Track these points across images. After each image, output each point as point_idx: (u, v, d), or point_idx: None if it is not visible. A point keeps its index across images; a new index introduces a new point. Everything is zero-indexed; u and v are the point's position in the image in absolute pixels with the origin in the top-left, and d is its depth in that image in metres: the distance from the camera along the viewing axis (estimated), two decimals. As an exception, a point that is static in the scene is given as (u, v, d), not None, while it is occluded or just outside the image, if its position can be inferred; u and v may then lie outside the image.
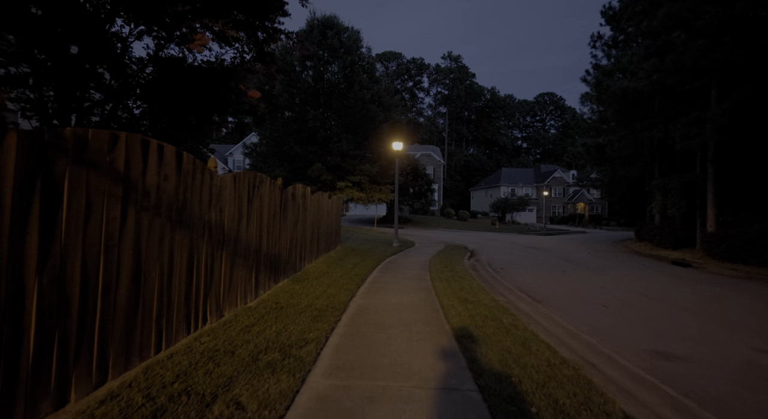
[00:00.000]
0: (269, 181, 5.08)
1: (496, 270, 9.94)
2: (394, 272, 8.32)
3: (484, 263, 11.61)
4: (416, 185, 35.20)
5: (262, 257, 4.98)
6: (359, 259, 9.75)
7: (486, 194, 60.07)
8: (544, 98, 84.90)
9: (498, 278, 8.47)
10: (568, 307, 5.95)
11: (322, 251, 9.09)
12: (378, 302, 5.39)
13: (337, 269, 7.80)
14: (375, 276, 7.68)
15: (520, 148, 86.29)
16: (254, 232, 4.65)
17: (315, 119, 19.54)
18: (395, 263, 10.02)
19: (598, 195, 56.23)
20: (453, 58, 75.44)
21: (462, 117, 78.12)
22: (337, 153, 20.18)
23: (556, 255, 13.89)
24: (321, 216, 8.80)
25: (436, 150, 50.74)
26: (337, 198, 10.93)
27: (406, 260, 10.79)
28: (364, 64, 23.58)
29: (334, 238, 10.83)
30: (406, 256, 11.75)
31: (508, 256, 13.45)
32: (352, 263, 8.89)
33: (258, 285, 4.88)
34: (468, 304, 5.33)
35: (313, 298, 5.17)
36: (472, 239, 20.74)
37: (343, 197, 21.17)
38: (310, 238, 7.73)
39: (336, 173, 21.01)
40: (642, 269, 11.06)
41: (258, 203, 4.74)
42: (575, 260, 12.39)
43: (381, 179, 22.78)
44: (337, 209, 11.00)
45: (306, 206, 7.29)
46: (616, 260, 12.91)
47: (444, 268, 9.19)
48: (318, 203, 8.37)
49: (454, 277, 7.78)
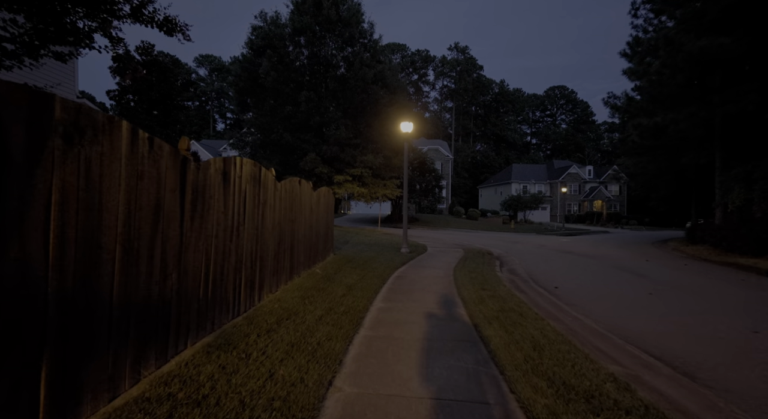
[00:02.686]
0: (126, 135, 2.24)
1: (548, 290, 7.06)
2: (408, 300, 5.46)
3: (523, 276, 8.72)
4: (423, 180, 32.29)
5: (111, 313, 2.14)
6: (356, 276, 6.89)
7: (496, 192, 56.99)
8: (555, 92, 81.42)
9: (564, 307, 5.58)
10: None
11: (302, 265, 6.24)
12: (386, 392, 2.54)
13: (319, 300, 4.94)
14: (378, 310, 4.82)
15: (530, 144, 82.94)
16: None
17: (308, 101, 16.67)
18: (407, 280, 7.16)
19: (616, 192, 52.98)
20: (460, 49, 72.20)
21: (469, 112, 74.91)
22: (334, 142, 17.30)
23: (608, 264, 10.95)
24: (299, 214, 5.95)
25: (443, 145, 47.81)
26: (327, 191, 8.07)
27: (420, 274, 7.93)
28: (366, 42, 20.68)
29: (323, 245, 7.98)
30: (419, 267, 8.89)
31: (546, 265, 10.54)
32: (346, 285, 6.03)
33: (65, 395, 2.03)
34: (574, 395, 2.46)
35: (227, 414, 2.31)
36: (491, 242, 17.82)
37: (343, 193, 18.31)
38: (276, 249, 4.89)
39: (333, 166, 18.14)
40: (752, 288, 8.08)
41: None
42: (641, 272, 9.45)
43: (385, 172, 19.87)
44: (327, 205, 8.15)
45: (264, 199, 4.44)
46: (694, 272, 9.93)
47: (480, 289, 6.32)
48: (291, 195, 5.51)
49: (505, 310, 4.91)
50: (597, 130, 79.17)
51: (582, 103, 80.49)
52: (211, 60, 69.81)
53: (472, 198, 65.90)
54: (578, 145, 74.49)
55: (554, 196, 52.85)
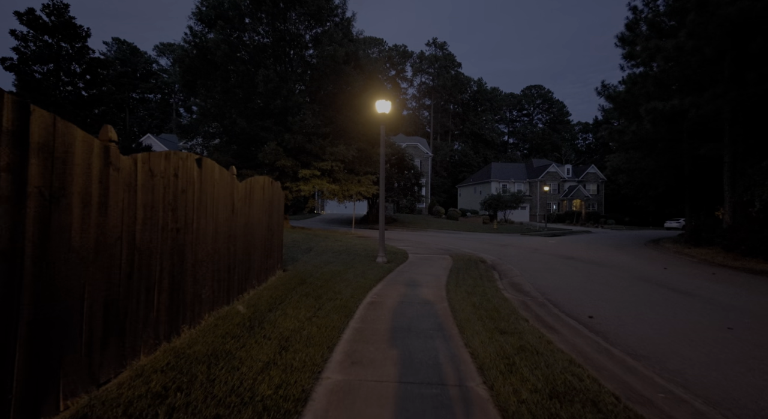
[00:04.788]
0: None
1: (582, 322, 4.94)
2: (385, 362, 3.11)
3: (535, 295, 6.61)
4: (402, 178, 30.15)
5: None
6: (306, 312, 4.49)
7: (475, 191, 55.75)
8: (531, 91, 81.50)
9: (640, 369, 3.43)
10: None
11: (207, 305, 3.78)
12: None
13: (198, 397, 2.52)
14: (328, 405, 2.45)
15: (507, 143, 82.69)
16: None
17: (267, 81, 14.01)
18: (383, 312, 4.83)
19: (594, 191, 52.85)
20: (438, 45, 70.63)
21: (447, 110, 73.57)
22: (299, 130, 14.71)
23: (627, 275, 9.05)
24: (198, 217, 3.51)
25: (422, 141, 45.90)
26: (268, 183, 5.60)
27: (402, 298, 5.63)
28: (338, 21, 18.22)
29: (262, 261, 5.53)
30: (400, 285, 6.59)
31: (553, 276, 8.51)
32: (280, 336, 3.61)
33: None
34: None
35: None
36: (478, 245, 15.82)
37: (310, 190, 15.74)
38: (142, 287, 2.44)
39: (299, 158, 15.54)
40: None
41: None
42: (680, 287, 7.56)
43: (360, 166, 17.45)
44: (269, 202, 5.70)
45: (133, 183, 1.98)
46: (741, 286, 8.14)
47: (494, 329, 4.10)
48: (167, 184, 3.06)
49: (557, 393, 2.68)
50: (572, 130, 79.89)
51: (558, 103, 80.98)
52: (173, 49, 64.87)
53: (450, 198, 64.53)
54: (555, 144, 74.73)
55: (534, 195, 52.11)
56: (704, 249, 14.07)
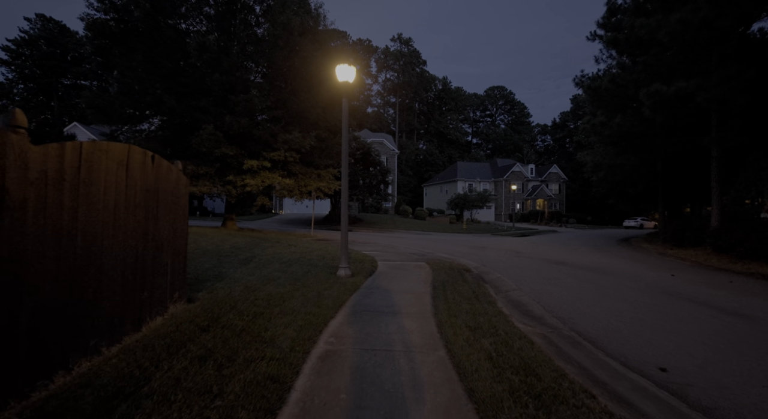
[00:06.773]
0: None
1: (647, 376, 3.08)
2: None
3: (545, 319, 4.75)
4: (368, 175, 27.98)
5: None
6: (190, 402, 2.24)
7: (441, 190, 54.85)
8: (495, 92, 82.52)
9: None
10: None
11: None
12: None
13: None
14: None
15: (471, 143, 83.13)
16: None
17: (202, 49, 11.27)
18: (341, 371, 2.66)
19: (556, 191, 53.76)
20: (404, 41, 69.14)
21: (413, 108, 72.43)
22: (243, 111, 12.09)
23: (643, 285, 7.56)
24: None
25: (388, 138, 44.05)
26: (149, 158, 3.28)
27: (375, 342, 3.49)
28: (293, -10, 15.67)
29: (134, 293, 3.18)
30: (370, 315, 4.45)
31: (560, 291, 6.81)
32: None
33: None
34: None
35: None
36: (453, 248, 14.09)
37: (257, 185, 13.13)
38: None
39: (245, 147, 12.89)
40: None
41: None
42: (712, 303, 6.09)
43: (320, 158, 15.08)
44: (157, 192, 3.36)
45: None
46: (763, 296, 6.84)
47: None
48: None
49: None
50: (531, 131, 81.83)
51: (519, 104, 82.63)
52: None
53: (417, 197, 63.37)
54: (516, 145, 76.07)
55: (499, 194, 52.07)
56: (690, 250, 13.24)
